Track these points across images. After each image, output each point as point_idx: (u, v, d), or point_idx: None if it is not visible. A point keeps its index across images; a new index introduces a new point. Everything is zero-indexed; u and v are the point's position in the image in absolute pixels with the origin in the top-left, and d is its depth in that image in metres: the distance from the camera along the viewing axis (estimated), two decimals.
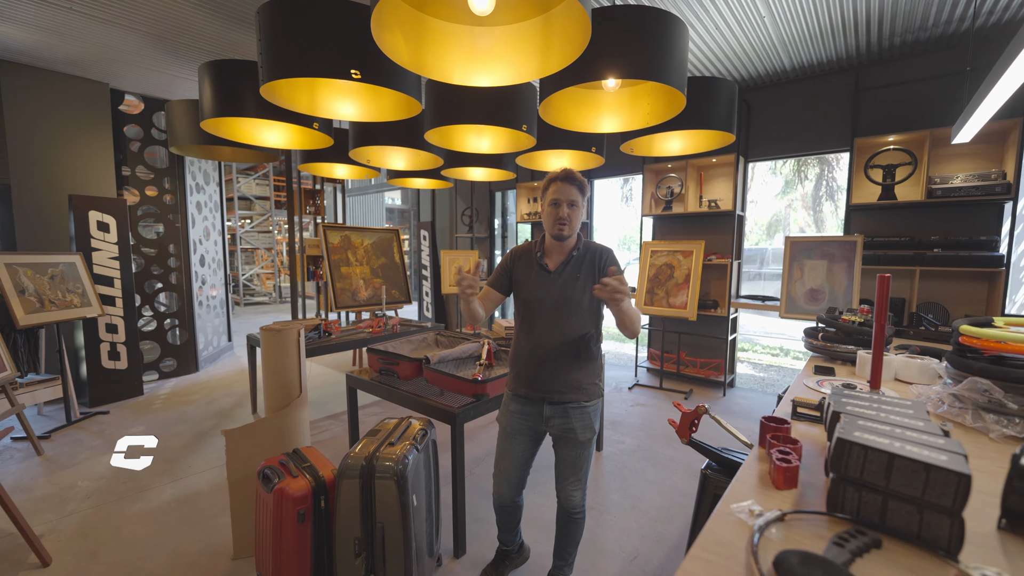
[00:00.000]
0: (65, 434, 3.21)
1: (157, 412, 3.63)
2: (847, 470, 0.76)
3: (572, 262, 1.54)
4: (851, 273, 3.39)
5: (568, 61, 1.61)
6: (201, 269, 4.94)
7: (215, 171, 5.39)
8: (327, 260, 4.25)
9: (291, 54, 1.86)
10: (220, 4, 2.77)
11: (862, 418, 0.86)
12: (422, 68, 1.70)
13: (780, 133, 4.00)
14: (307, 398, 2.09)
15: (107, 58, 3.49)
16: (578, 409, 1.53)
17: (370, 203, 10.84)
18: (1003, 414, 1.10)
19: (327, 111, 2.31)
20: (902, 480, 0.71)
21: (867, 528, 0.74)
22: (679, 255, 4.26)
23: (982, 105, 1.48)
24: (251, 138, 2.85)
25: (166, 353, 4.55)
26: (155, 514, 2.28)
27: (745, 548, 0.70)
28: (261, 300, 10.76)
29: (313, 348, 3.11)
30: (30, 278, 3.15)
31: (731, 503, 0.81)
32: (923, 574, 0.65)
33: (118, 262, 3.85)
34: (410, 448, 1.59)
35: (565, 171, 1.53)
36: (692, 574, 0.65)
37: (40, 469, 2.72)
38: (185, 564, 1.92)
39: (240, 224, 10.25)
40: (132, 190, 4.29)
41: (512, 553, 1.83)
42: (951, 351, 1.26)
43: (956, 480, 0.67)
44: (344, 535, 1.51)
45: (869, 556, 0.69)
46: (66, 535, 2.11)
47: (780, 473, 0.87)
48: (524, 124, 2.72)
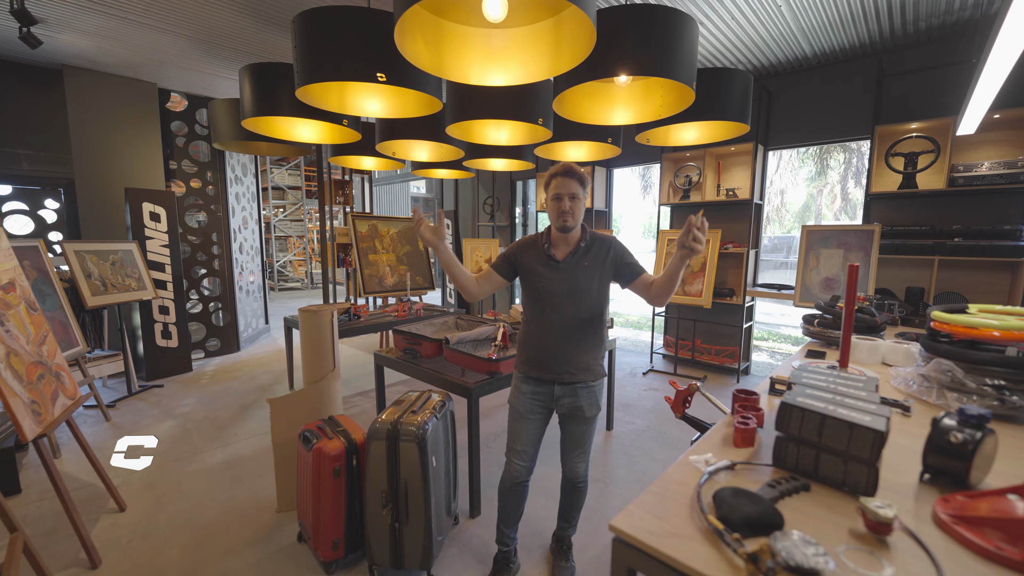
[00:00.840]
0: (127, 404, 3.59)
1: (205, 387, 3.98)
2: (788, 429, 0.90)
3: (579, 252, 1.63)
4: (868, 262, 3.39)
5: (577, 61, 1.73)
6: (240, 256, 5.29)
7: (252, 163, 5.71)
8: (356, 248, 4.50)
9: (323, 60, 2.04)
10: (257, 10, 2.98)
11: (811, 387, 0.99)
12: (441, 71, 1.85)
13: (801, 120, 3.98)
14: (340, 372, 2.32)
15: (156, 60, 3.77)
16: (586, 388, 1.65)
17: (396, 192, 11.14)
18: (963, 392, 1.20)
19: (355, 109, 2.49)
20: (831, 436, 0.85)
21: (802, 476, 0.88)
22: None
23: (975, 97, 1.53)
24: (287, 134, 3.07)
25: (211, 334, 4.93)
26: (208, 473, 2.58)
27: (694, 487, 0.85)
28: (294, 286, 11.26)
29: (344, 330, 3.36)
30: (95, 264, 3.51)
31: (692, 455, 0.96)
32: (836, 508, 0.79)
33: (168, 249, 4.20)
34: (430, 416, 1.79)
35: (565, 166, 1.63)
36: (645, 504, 0.81)
37: (109, 433, 3.08)
38: (236, 514, 2.20)
39: (274, 213, 10.71)
40: (178, 182, 4.63)
41: (511, 556, 1.81)
42: (924, 335, 1.35)
43: (872, 435, 0.80)
44: (373, 489, 1.73)
45: (798, 497, 0.83)
46: (135, 488, 2.43)
47: (739, 434, 1.01)
48: (540, 118, 2.84)
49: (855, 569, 0.65)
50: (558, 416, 1.73)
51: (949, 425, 0.85)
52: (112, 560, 1.89)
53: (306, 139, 3.19)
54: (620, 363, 4.81)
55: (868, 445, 0.81)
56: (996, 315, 1.30)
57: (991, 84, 1.42)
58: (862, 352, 1.72)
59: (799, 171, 15.22)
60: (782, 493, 0.82)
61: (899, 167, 3.39)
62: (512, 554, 1.82)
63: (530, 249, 1.70)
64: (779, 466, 0.92)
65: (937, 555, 0.68)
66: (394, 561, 1.75)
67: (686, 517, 0.77)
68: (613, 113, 2.58)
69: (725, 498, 0.76)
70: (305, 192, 10.73)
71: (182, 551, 1.95)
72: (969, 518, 0.72)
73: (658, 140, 3.06)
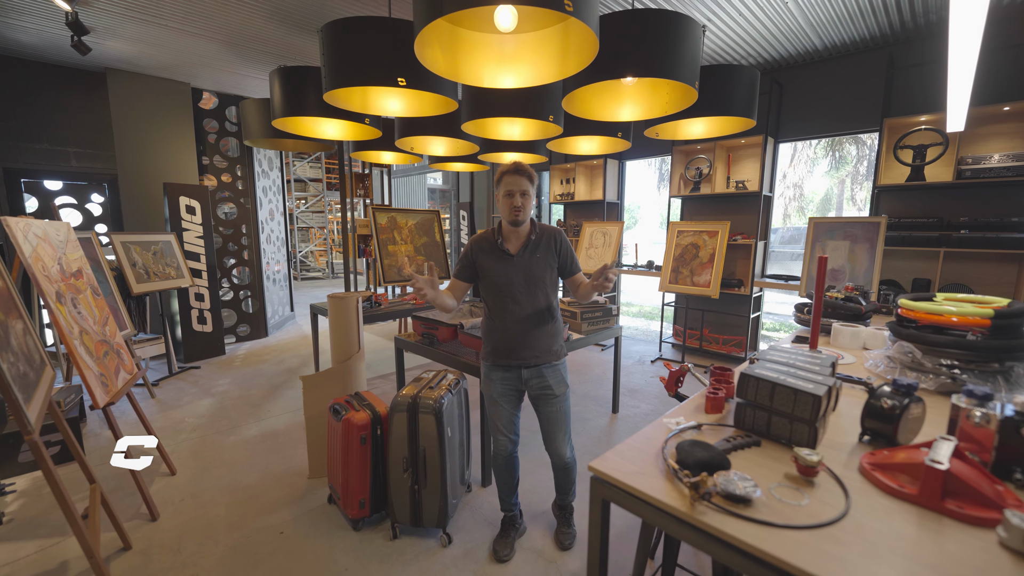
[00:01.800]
0: (169, 383, 3.90)
1: (238, 369, 4.28)
2: (746, 395, 1.06)
3: (530, 245, 1.77)
4: (873, 253, 3.46)
5: (584, 64, 1.86)
6: (267, 246, 5.57)
7: (277, 158, 5.98)
8: (376, 239, 4.72)
9: (349, 67, 2.22)
10: (285, 15, 3.18)
11: (772, 362, 1.14)
12: (457, 75, 2.01)
13: (811, 113, 4.02)
14: (364, 353, 2.54)
15: (190, 63, 4.02)
16: (550, 368, 1.80)
17: (413, 184, 11.38)
18: (921, 371, 1.33)
19: (377, 109, 2.67)
20: (780, 401, 1.01)
21: (757, 435, 1.04)
22: (704, 235, 4.41)
23: (951, 97, 1.63)
24: (313, 132, 3.28)
25: (241, 320, 5.24)
26: (246, 444, 2.84)
27: (663, 440, 1.02)
28: (315, 275, 11.64)
29: (366, 316, 3.59)
30: (139, 254, 3.80)
31: (666, 418, 1.13)
32: (778, 458, 0.95)
33: (203, 240, 4.49)
34: (446, 392, 1.99)
35: (515, 164, 1.75)
36: (620, 452, 0.98)
37: (155, 408, 3.38)
38: (272, 479, 2.46)
39: (296, 205, 11.06)
40: (210, 176, 4.91)
41: (516, 519, 1.97)
42: (893, 320, 1.48)
43: (812, 400, 0.96)
44: (395, 455, 1.94)
45: (749, 450, 0.99)
46: (182, 455, 2.71)
47: (709, 401, 1.17)
48: (551, 115, 2.98)
49: (779, 498, 0.81)
50: (530, 399, 1.86)
51: (882, 393, 1.00)
52: (168, 515, 2.16)
53: (331, 136, 3.40)
54: (629, 351, 4.96)
55: (809, 408, 0.96)
56: (957, 302, 1.42)
57: (962, 84, 1.52)
58: (844, 337, 1.85)
59: (822, 162, 14.90)
60: (735, 446, 0.98)
61: (907, 159, 3.43)
62: (517, 517, 2.01)
63: (483, 247, 1.80)
64: (739, 427, 1.08)
65: (851, 491, 0.84)
66: (413, 520, 1.97)
67: (652, 462, 0.94)
68: (621, 110, 2.70)
69: (684, 447, 0.93)
70: (326, 184, 11.04)
71: (227, 509, 2.20)
72: (884, 465, 0.88)
73: (667, 134, 3.17)
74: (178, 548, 1.94)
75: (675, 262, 4.55)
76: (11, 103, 3.89)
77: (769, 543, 0.70)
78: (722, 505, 0.79)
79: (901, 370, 1.38)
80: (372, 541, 1.98)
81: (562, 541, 1.95)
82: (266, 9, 3.09)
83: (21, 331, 1.63)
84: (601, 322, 3.09)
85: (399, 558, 1.88)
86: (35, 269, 1.81)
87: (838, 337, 1.86)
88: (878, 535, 0.72)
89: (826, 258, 1.36)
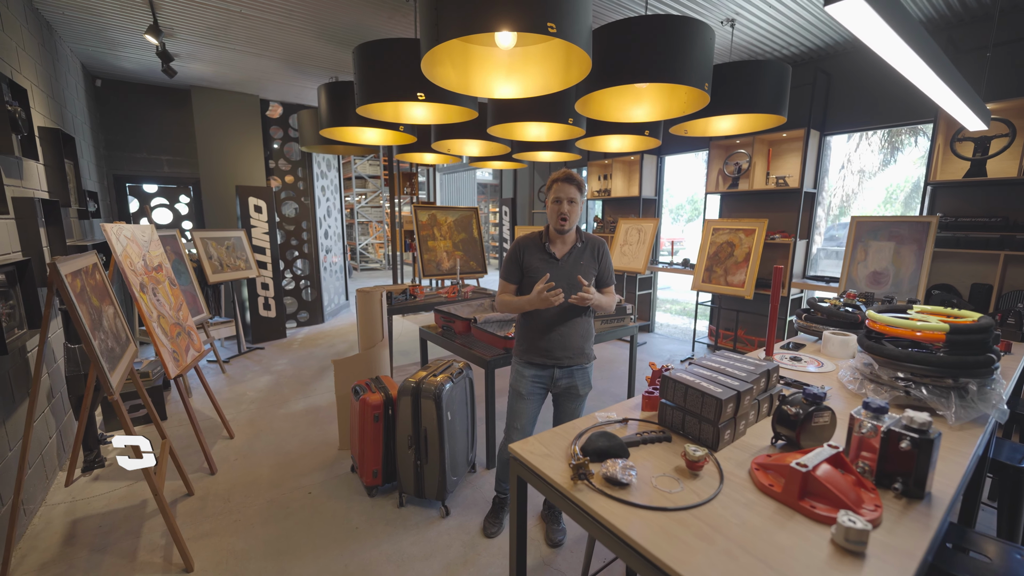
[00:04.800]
0: (237, 360, 4.49)
1: (295, 351, 4.81)
2: (666, 395, 1.16)
3: (576, 251, 1.86)
4: (921, 256, 3.22)
5: (584, 74, 1.94)
6: (325, 241, 6.13)
7: (335, 160, 6.51)
8: (417, 235, 5.05)
9: (375, 84, 2.48)
10: (331, 35, 3.52)
11: (701, 366, 1.23)
12: (468, 88, 2.17)
13: (861, 103, 3.75)
14: (388, 342, 2.83)
15: (257, 78, 4.53)
16: (581, 370, 1.91)
17: (464, 180, 11.78)
18: (878, 384, 1.34)
19: (407, 118, 2.92)
20: (692, 402, 1.10)
21: (677, 432, 1.15)
22: (741, 233, 4.28)
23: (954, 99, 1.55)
24: (356, 138, 3.61)
25: (301, 307, 5.84)
26: (293, 416, 3.26)
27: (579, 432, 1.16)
28: (374, 266, 12.44)
29: (401, 307, 3.91)
30: (215, 248, 4.40)
31: (600, 412, 1.26)
32: (674, 452, 1.06)
33: (268, 236, 5.06)
34: (447, 380, 2.21)
35: (567, 173, 1.83)
36: (542, 438, 1.13)
37: (224, 382, 3.94)
38: (310, 448, 2.83)
39: (357, 200, 11.85)
40: (275, 178, 5.49)
41: (507, 501, 2.10)
42: (864, 332, 1.47)
43: (716, 403, 1.05)
44: (402, 433, 2.20)
45: (658, 444, 1.10)
46: (240, 423, 3.17)
47: (645, 400, 1.28)
48: (570, 118, 3.08)
49: (656, 486, 0.93)
50: (552, 396, 1.98)
51: (790, 400, 1.06)
52: (223, 470, 2.58)
53: (372, 142, 3.72)
54: (660, 350, 4.93)
55: (713, 410, 1.06)
56: (926, 315, 1.39)
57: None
58: (834, 346, 1.83)
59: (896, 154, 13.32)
60: (644, 440, 1.10)
61: (967, 153, 3.14)
62: (508, 500, 2.18)
63: (531, 248, 1.87)
64: (662, 424, 1.19)
65: (728, 486, 0.93)
66: (417, 491, 2.22)
67: (564, 448, 1.09)
68: (638, 111, 2.74)
69: (592, 437, 1.07)
70: (384, 180, 11.72)
71: (270, 469, 2.59)
72: (767, 465, 0.96)
73: (696, 131, 3.16)
74: (228, 497, 2.34)
75: (709, 260, 4.46)
76: (120, 120, 4.63)
77: (618, 517, 0.83)
78: (600, 486, 0.92)
79: (862, 382, 1.39)
80: (382, 507, 2.26)
81: (552, 538, 2.01)
82: (314, 30, 3.44)
83: (112, 315, 2.06)
84: (615, 321, 3.16)
85: (402, 523, 2.15)
86: (124, 265, 2.25)
87: (828, 345, 1.85)
88: (724, 523, 0.83)
89: (781, 268, 1.39)
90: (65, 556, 1.93)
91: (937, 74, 1.39)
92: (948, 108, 1.91)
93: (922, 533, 0.80)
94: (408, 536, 2.06)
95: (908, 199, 13.77)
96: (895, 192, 13.55)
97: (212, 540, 2.04)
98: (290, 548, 1.99)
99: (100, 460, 2.59)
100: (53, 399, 2.52)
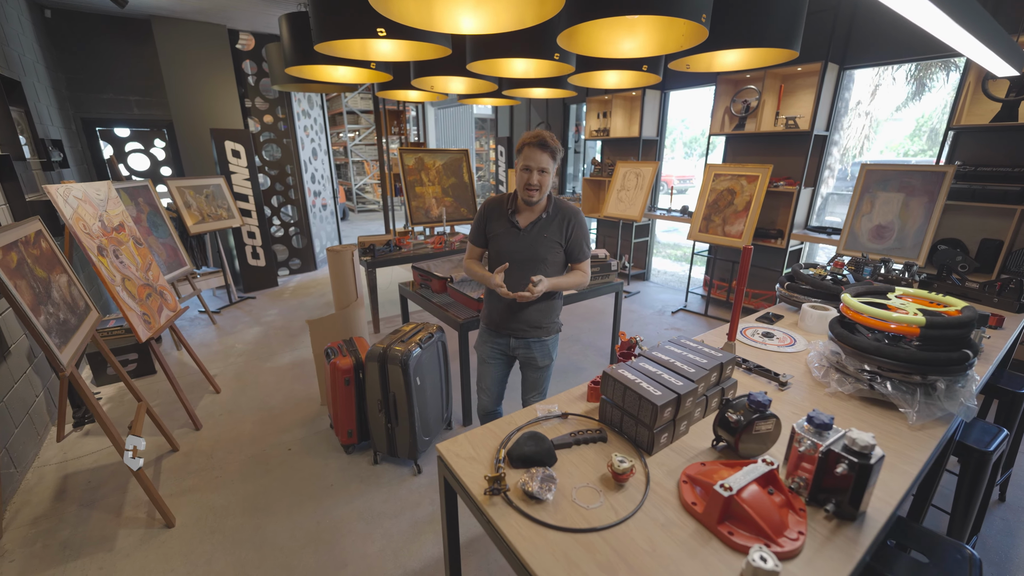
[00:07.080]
0: (228, 311, 4.52)
1: (286, 300, 4.82)
2: (607, 393, 1.10)
3: (541, 223, 1.71)
4: (931, 209, 3.00)
5: (560, 5, 1.67)
6: (313, 185, 5.92)
7: (317, 96, 6.11)
8: (404, 180, 4.84)
9: (331, 20, 2.21)
10: None
11: (649, 359, 1.15)
12: (431, 23, 1.91)
13: (890, 33, 3.33)
14: (363, 301, 2.78)
15: (220, 5, 4.12)
16: (538, 343, 1.84)
17: (461, 115, 11.11)
18: (843, 374, 1.26)
19: (375, 55, 2.64)
20: (630, 403, 1.04)
21: (616, 430, 1.09)
22: (743, 180, 4.03)
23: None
24: (327, 76, 3.32)
25: (292, 255, 5.77)
26: (278, 370, 3.31)
27: (511, 430, 1.11)
28: (372, 208, 12.19)
29: (384, 260, 3.83)
30: (193, 197, 4.25)
31: (539, 405, 1.20)
32: (601, 455, 1.01)
33: (249, 183, 4.88)
34: (415, 346, 2.17)
35: (539, 136, 1.60)
36: (472, 436, 1.09)
37: (214, 333, 3.98)
38: (293, 402, 2.89)
39: (350, 137, 11.35)
40: (254, 119, 5.19)
41: None
42: (837, 317, 1.37)
43: (652, 407, 0.98)
44: (372, 397, 2.20)
45: (593, 445, 1.05)
46: (228, 377, 3.23)
47: (590, 391, 1.22)
48: (556, 54, 2.78)
49: (575, 500, 0.89)
50: (518, 362, 1.94)
51: (733, 404, 0.99)
52: (208, 426, 2.66)
53: (343, 79, 3.42)
54: (653, 300, 4.86)
55: (650, 413, 0.99)
56: (907, 301, 1.27)
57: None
58: (812, 320, 1.73)
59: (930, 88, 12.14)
60: (578, 441, 1.05)
61: (999, 94, 2.81)
62: None
63: (495, 214, 1.77)
64: (602, 420, 1.14)
65: (651, 501, 0.89)
66: (390, 450, 2.27)
67: (492, 449, 1.04)
68: (630, 46, 2.44)
69: (520, 439, 1.02)
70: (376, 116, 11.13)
71: (252, 425, 2.66)
72: (695, 479, 0.91)
73: (699, 66, 2.83)
74: (211, 453, 2.42)
75: (708, 209, 4.25)
76: (79, 56, 4.29)
77: (525, 541, 0.79)
78: (516, 500, 0.88)
79: (827, 370, 1.31)
80: (358, 464, 2.33)
81: None
82: None
83: (66, 283, 2.00)
84: (600, 277, 3.06)
85: (376, 480, 2.22)
86: (76, 229, 2.16)
87: (805, 319, 1.76)
88: (633, 549, 0.79)
89: (751, 248, 1.26)
90: (56, 511, 2.04)
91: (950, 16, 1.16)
92: (967, 52, 1.64)
93: (843, 564, 0.75)
94: (380, 494, 2.14)
95: (934, 133, 12.77)
96: (924, 124, 12.58)
97: (194, 496, 2.13)
98: (267, 504, 2.08)
99: (90, 416, 2.68)
100: (36, 359, 2.55)
